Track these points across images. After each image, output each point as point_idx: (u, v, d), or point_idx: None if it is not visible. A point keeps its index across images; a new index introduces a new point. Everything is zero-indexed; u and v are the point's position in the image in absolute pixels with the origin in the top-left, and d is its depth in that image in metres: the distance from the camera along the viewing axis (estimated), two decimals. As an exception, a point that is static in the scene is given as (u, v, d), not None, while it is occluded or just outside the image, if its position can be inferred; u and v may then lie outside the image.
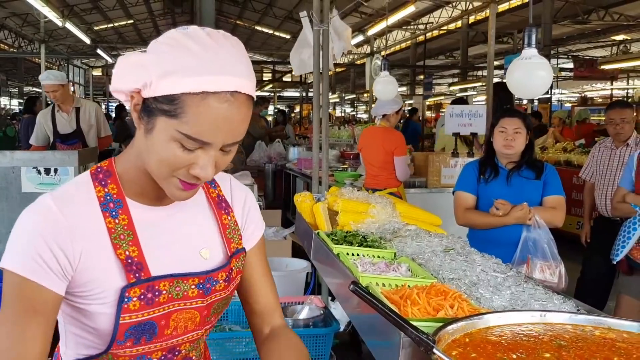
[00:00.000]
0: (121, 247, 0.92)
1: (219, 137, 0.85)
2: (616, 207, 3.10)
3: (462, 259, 1.47)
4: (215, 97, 0.82)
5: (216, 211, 1.05)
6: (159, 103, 0.84)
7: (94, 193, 0.94)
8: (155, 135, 0.86)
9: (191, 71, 0.82)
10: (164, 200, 0.99)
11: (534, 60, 1.89)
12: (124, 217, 0.93)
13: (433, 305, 1.09)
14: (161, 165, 0.88)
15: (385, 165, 4.35)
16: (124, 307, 0.90)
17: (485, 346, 0.89)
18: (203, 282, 0.99)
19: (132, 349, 0.93)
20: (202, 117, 0.83)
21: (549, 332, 0.95)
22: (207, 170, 0.87)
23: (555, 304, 1.19)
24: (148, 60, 0.86)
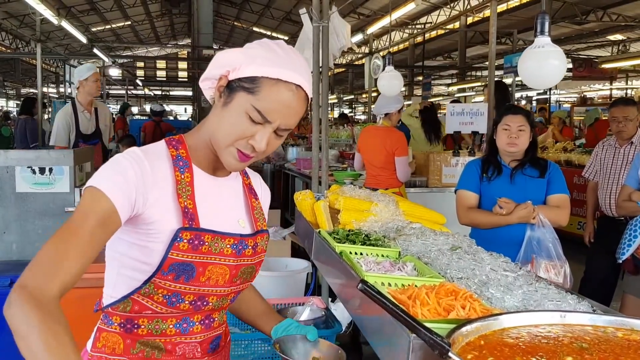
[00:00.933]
0: (182, 197, 1.11)
1: (279, 118, 1.08)
2: (621, 206, 3.05)
3: (470, 258, 1.42)
4: (285, 85, 1.07)
5: (248, 194, 1.28)
6: (242, 82, 1.08)
7: (168, 153, 1.15)
8: (231, 108, 1.09)
9: (272, 62, 1.08)
10: (217, 172, 1.21)
11: (547, 48, 1.82)
12: (187, 175, 1.13)
13: (443, 305, 1.03)
14: (229, 133, 1.09)
15: (386, 165, 4.29)
16: (175, 244, 1.07)
17: (502, 349, 0.83)
18: (237, 244, 1.17)
19: (171, 284, 1.09)
20: (273, 97, 1.07)
21: (568, 334, 0.89)
22: (262, 144, 1.09)
23: (570, 304, 1.14)
24: (241, 52, 1.12)
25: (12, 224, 3.42)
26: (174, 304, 1.12)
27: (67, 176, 3.47)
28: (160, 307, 1.12)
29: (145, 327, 1.13)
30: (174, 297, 1.11)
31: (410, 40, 16.86)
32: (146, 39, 24.15)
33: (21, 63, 20.33)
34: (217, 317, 1.23)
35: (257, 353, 1.71)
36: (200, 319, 1.18)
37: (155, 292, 1.10)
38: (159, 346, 1.14)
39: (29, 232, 3.44)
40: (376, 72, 6.69)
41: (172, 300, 1.11)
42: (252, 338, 1.75)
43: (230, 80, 1.10)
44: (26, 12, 12.84)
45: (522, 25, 12.30)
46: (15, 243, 3.44)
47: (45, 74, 18.30)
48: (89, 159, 4.03)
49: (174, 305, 1.12)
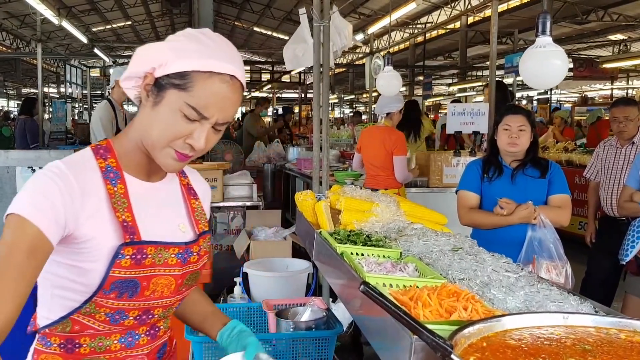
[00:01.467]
0: (119, 211, 1.04)
1: (216, 113, 1.02)
2: (623, 207, 3.04)
3: (471, 259, 1.41)
4: (218, 77, 1.01)
5: (187, 195, 1.21)
6: (171, 79, 1.01)
7: (97, 164, 1.07)
8: (162, 107, 1.02)
9: (201, 54, 1.01)
10: (152, 176, 1.14)
11: (548, 48, 1.81)
12: (121, 187, 1.06)
13: (445, 307, 1.02)
14: (163, 134, 1.02)
15: (385, 165, 4.27)
16: (117, 262, 1.01)
17: (504, 351, 0.83)
18: (182, 252, 1.12)
19: (114, 302, 1.04)
20: (207, 92, 1.00)
21: (571, 336, 0.89)
22: (201, 142, 1.03)
23: (573, 305, 1.13)
24: (165, 46, 1.04)
25: (13, 224, 3.42)
26: (118, 321, 1.07)
27: (68, 176, 3.48)
28: (103, 326, 1.07)
29: (88, 346, 1.08)
30: (118, 315, 1.06)
31: (411, 40, 16.85)
32: (147, 39, 24.16)
33: (22, 63, 20.33)
34: (162, 326, 1.19)
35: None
36: (145, 330, 1.14)
37: (97, 312, 1.05)
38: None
39: (29, 232, 3.44)
40: (377, 71, 6.68)
41: (116, 317, 1.07)
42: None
43: (158, 78, 1.03)
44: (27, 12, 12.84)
45: (523, 25, 12.29)
46: (16, 243, 3.45)
47: (46, 74, 18.31)
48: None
49: (117, 323, 1.08)
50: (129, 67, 1.07)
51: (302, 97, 17.43)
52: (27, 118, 8.38)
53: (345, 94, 23.97)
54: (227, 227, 4.50)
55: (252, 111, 9.87)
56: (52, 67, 20.57)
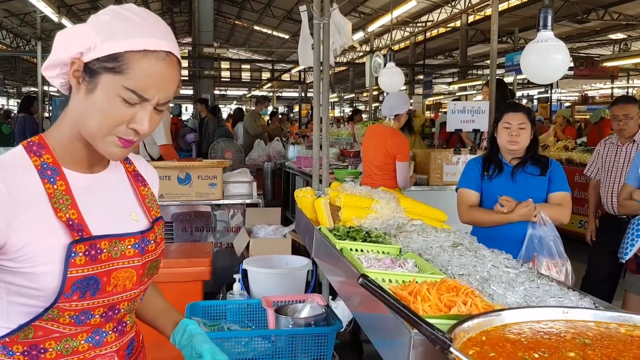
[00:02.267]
0: (61, 210, 0.99)
1: (157, 93, 0.97)
2: (623, 205, 3.04)
3: (471, 255, 1.41)
4: (154, 55, 0.96)
5: (134, 183, 1.17)
6: (102, 62, 0.95)
7: (31, 162, 1.00)
8: (97, 94, 0.96)
9: (131, 33, 0.95)
10: (94, 168, 1.09)
11: (550, 42, 1.79)
12: (61, 183, 1.00)
13: (445, 301, 1.02)
14: (103, 122, 0.97)
15: (383, 165, 4.22)
16: (71, 261, 0.97)
17: (504, 345, 0.82)
18: (139, 242, 1.09)
19: (78, 303, 1.00)
20: (144, 72, 0.95)
21: (571, 330, 0.88)
22: (144, 124, 0.98)
23: (572, 300, 1.13)
24: (90, 28, 0.97)
25: (12, 221, 3.41)
26: (84, 321, 1.03)
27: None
28: (69, 328, 1.02)
29: (54, 350, 1.02)
30: (83, 315, 1.02)
31: (411, 39, 16.84)
32: (147, 38, 24.10)
33: (22, 61, 20.32)
34: (128, 321, 1.15)
35: (257, 350, 1.70)
36: (112, 327, 1.10)
37: (60, 316, 1.00)
38: None
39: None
40: (377, 70, 6.67)
41: (81, 318, 1.03)
42: (252, 335, 1.75)
43: (87, 63, 0.96)
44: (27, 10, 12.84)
45: (523, 23, 12.29)
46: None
47: (46, 72, 18.26)
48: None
49: (83, 323, 1.04)
50: (51, 55, 1.00)
51: (302, 96, 17.42)
52: (26, 116, 8.37)
53: (345, 92, 23.96)
54: (227, 225, 4.49)
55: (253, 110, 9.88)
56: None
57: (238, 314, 2.00)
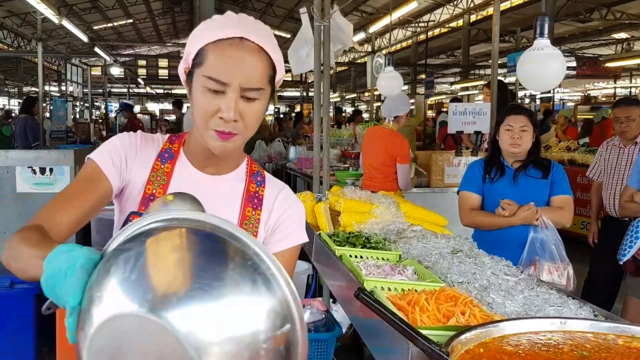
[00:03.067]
0: (152, 185, 1.10)
1: (233, 77, 1.01)
2: (624, 207, 3.03)
3: (470, 262, 1.41)
4: (227, 42, 1.02)
5: (244, 203, 1.18)
6: (194, 62, 1.05)
7: (162, 145, 1.16)
8: (193, 90, 1.06)
9: (209, 29, 1.05)
10: (206, 169, 1.16)
11: (546, 51, 1.79)
12: (168, 166, 1.13)
13: (443, 311, 1.02)
14: (199, 116, 1.05)
15: (383, 168, 4.20)
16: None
17: (501, 357, 0.82)
18: None
19: None
20: (218, 58, 1.02)
21: (568, 341, 0.88)
22: (230, 111, 1.02)
23: (572, 309, 1.13)
24: (190, 39, 1.09)
25: (12, 224, 3.42)
26: None
27: (68, 176, 3.47)
28: None
29: None
30: None
31: (413, 39, 16.82)
32: (148, 38, 24.15)
33: (23, 62, 20.35)
34: None
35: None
36: None
37: None
38: None
39: (30, 232, 3.44)
40: (378, 70, 6.67)
41: None
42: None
43: (189, 69, 1.08)
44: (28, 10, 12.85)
45: (525, 23, 12.24)
46: (16, 243, 3.44)
47: (47, 72, 18.31)
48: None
49: None
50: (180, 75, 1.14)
51: (303, 96, 17.40)
52: (27, 117, 8.38)
53: (347, 92, 23.94)
54: (228, 227, 4.48)
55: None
56: (53, 66, 20.59)
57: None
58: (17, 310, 2.98)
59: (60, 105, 10.45)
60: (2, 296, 2.95)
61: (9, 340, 3.01)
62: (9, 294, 2.95)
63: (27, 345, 3.02)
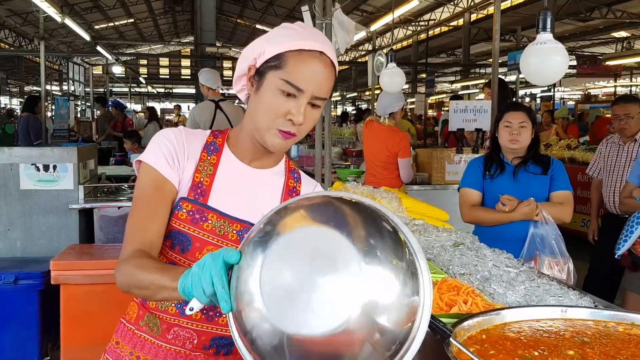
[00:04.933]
0: (200, 174, 1.16)
1: (310, 86, 1.10)
2: (624, 202, 3.05)
3: (472, 254, 1.42)
4: (308, 53, 1.11)
5: (284, 196, 1.25)
6: (268, 63, 1.12)
7: (206, 139, 1.22)
8: (263, 89, 1.12)
9: (292, 37, 1.12)
10: (253, 163, 1.22)
11: (549, 45, 1.81)
12: (214, 158, 1.19)
13: (445, 300, 1.04)
14: (266, 114, 1.11)
15: (386, 165, 4.24)
16: (175, 212, 1.13)
17: (503, 343, 0.84)
18: (242, 230, 1.15)
19: (169, 251, 1.14)
20: (299, 66, 1.10)
21: (569, 329, 0.90)
22: (300, 115, 1.09)
23: (572, 299, 1.15)
24: (263, 39, 1.16)
25: (17, 221, 3.44)
26: None
27: (71, 173, 3.48)
28: None
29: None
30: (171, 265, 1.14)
31: (414, 37, 16.83)
32: (149, 37, 24.18)
33: (24, 61, 20.37)
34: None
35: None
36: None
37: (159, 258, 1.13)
38: (157, 324, 1.16)
39: (33, 229, 3.46)
40: (379, 69, 6.67)
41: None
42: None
43: (258, 67, 1.14)
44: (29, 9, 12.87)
45: (526, 22, 12.26)
46: (20, 240, 3.46)
47: (49, 71, 18.35)
48: (92, 157, 4.05)
49: None
50: (237, 68, 1.20)
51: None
52: (29, 115, 8.40)
53: (347, 91, 23.95)
54: (230, 224, 4.50)
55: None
56: (54, 65, 20.61)
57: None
58: (21, 305, 3.00)
59: (62, 104, 10.47)
60: (6, 292, 2.97)
61: (14, 335, 3.03)
62: (14, 290, 2.97)
63: (31, 340, 3.04)
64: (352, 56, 17.60)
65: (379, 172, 4.29)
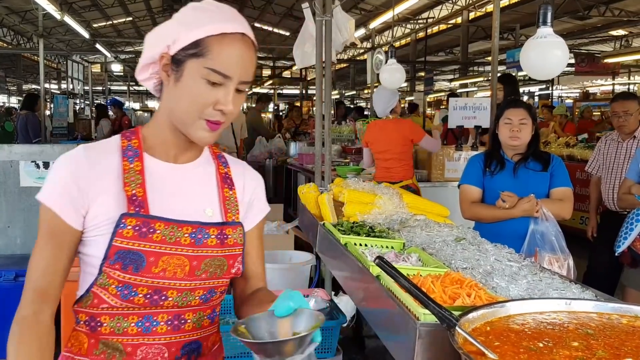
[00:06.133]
0: (129, 186, 1.07)
1: (236, 71, 1.04)
2: (622, 199, 3.06)
3: (474, 249, 1.43)
4: (231, 37, 1.05)
5: (220, 184, 1.20)
6: (187, 51, 1.04)
7: (120, 145, 1.12)
8: (184, 79, 1.05)
9: (209, 20, 1.05)
10: (178, 158, 1.15)
11: (549, 39, 1.81)
12: (137, 164, 1.10)
13: (449, 294, 1.04)
14: (191, 106, 1.05)
15: (402, 155, 4.36)
16: (119, 231, 1.04)
17: (508, 335, 0.84)
18: (195, 232, 1.10)
19: (120, 274, 1.05)
20: (223, 52, 1.03)
21: (573, 321, 0.90)
22: (229, 104, 1.05)
23: (574, 292, 1.15)
24: (173, 23, 1.08)
25: (16, 218, 3.44)
26: (127, 296, 1.07)
27: (71, 170, 3.48)
28: (115, 301, 1.07)
29: (108, 325, 1.09)
30: (126, 290, 1.06)
31: (412, 36, 16.82)
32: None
33: (22, 59, 20.31)
34: (191, 319, 1.13)
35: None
36: (166, 318, 1.10)
37: (108, 283, 1.06)
38: (119, 348, 1.08)
39: (32, 226, 3.46)
40: (378, 67, 6.68)
41: (125, 292, 1.06)
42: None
43: (174, 55, 1.06)
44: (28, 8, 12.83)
45: (524, 20, 12.27)
46: (20, 237, 3.46)
47: (47, 69, 18.29)
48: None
49: (127, 299, 1.07)
50: (142, 56, 1.11)
51: (303, 93, 17.41)
52: (28, 113, 8.39)
53: (346, 89, 23.94)
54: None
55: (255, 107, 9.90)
56: (53, 63, 20.56)
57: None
58: (21, 303, 3.00)
59: (61, 102, 10.45)
60: (6, 289, 2.97)
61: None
62: (14, 287, 2.97)
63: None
64: (350, 54, 17.60)
65: (393, 165, 4.37)
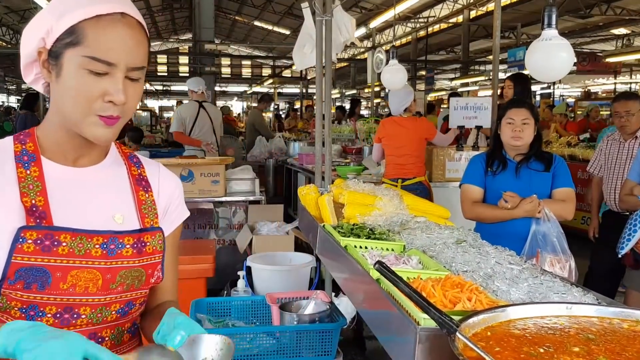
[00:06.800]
0: (28, 195, 0.96)
1: (121, 56, 0.93)
2: (624, 200, 3.05)
3: (474, 251, 1.42)
4: (108, 18, 0.93)
5: (134, 187, 1.10)
6: (61, 41, 0.93)
7: (12, 149, 1.00)
8: (65, 74, 0.94)
9: (82, 3, 0.93)
10: (79, 161, 1.04)
11: (554, 41, 1.81)
12: (35, 170, 0.99)
13: (449, 298, 1.03)
14: (77, 101, 0.94)
15: (417, 152, 4.46)
16: (18, 246, 0.93)
17: (508, 339, 0.83)
18: (107, 242, 1.00)
19: (24, 294, 0.94)
20: (101, 36, 0.92)
21: (574, 325, 0.89)
22: (120, 94, 0.94)
23: (576, 296, 1.14)
24: (44, 13, 0.97)
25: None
26: (34, 317, 0.95)
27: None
28: None
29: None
30: (32, 310, 0.95)
31: (413, 35, 16.82)
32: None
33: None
34: (109, 336, 1.04)
35: (262, 346, 1.72)
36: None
37: (10, 306, 0.95)
38: None
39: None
40: (379, 66, 6.67)
41: (30, 313, 0.95)
42: (257, 331, 1.76)
43: (50, 48, 0.95)
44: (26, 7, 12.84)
45: (525, 19, 12.26)
46: None
47: (48, 69, 18.30)
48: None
49: (33, 320, 0.95)
50: (21, 54, 1.00)
51: (303, 92, 17.41)
52: (27, 113, 8.39)
53: (347, 88, 23.93)
54: (230, 222, 4.51)
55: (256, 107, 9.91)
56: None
57: (242, 310, 2.01)
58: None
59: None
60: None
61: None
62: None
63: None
64: (351, 53, 17.59)
65: (408, 161, 4.44)
